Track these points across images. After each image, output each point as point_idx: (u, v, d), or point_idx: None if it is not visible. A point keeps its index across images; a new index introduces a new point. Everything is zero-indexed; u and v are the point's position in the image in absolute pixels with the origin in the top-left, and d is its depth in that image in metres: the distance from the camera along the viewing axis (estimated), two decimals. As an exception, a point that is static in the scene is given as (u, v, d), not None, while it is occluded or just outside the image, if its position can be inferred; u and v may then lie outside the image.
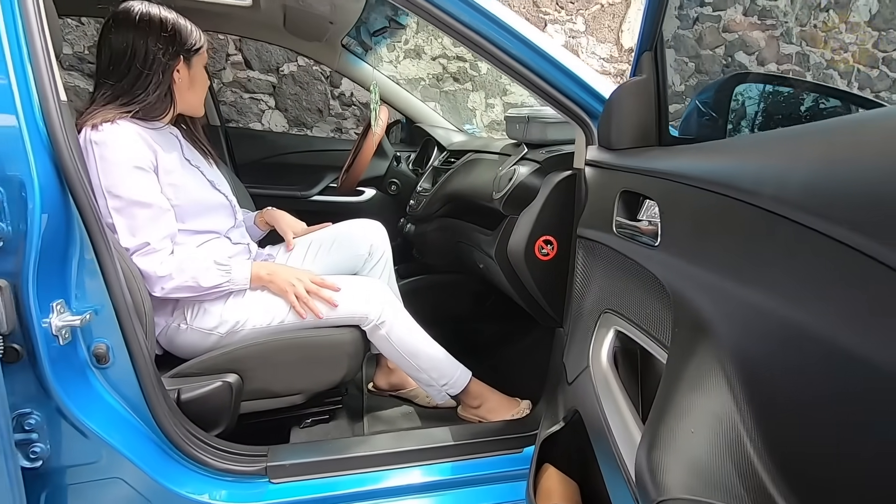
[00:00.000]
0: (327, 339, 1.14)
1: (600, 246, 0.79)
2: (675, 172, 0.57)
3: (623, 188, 0.73)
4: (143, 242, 0.99)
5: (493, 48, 0.97)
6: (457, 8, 0.95)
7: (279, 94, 2.86)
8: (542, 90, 1.00)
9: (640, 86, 0.76)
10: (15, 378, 0.77)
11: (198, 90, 1.16)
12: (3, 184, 0.74)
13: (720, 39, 3.91)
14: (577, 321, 0.89)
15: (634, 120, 0.78)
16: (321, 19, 1.61)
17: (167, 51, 1.07)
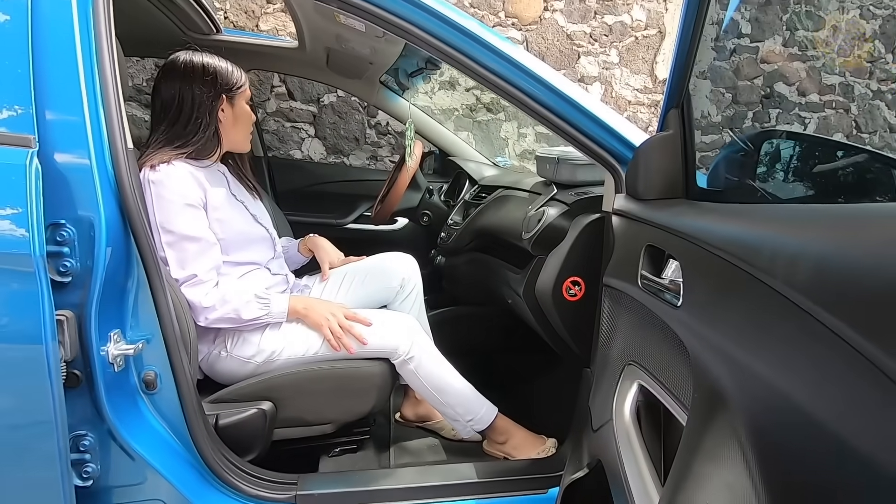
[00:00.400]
0: (357, 371, 1.18)
1: (626, 296, 0.81)
2: (698, 234, 0.58)
3: (648, 242, 0.75)
4: (191, 274, 1.06)
5: (521, 95, 1.01)
6: (487, 58, 1.00)
7: (319, 123, 2.99)
8: (571, 136, 1.03)
9: (666, 141, 0.79)
10: (74, 402, 0.84)
11: (242, 126, 1.23)
12: (75, 223, 0.82)
13: (758, 70, 3.86)
14: (602, 368, 0.90)
15: (661, 173, 0.80)
16: (361, 60, 1.70)
17: (210, 93, 1.15)
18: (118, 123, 0.87)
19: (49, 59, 0.83)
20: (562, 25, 3.31)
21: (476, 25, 1.01)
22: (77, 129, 0.83)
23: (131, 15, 1.40)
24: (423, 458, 1.32)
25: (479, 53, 0.99)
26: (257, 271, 1.24)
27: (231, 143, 1.24)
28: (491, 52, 0.99)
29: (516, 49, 1.03)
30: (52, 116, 0.83)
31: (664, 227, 0.69)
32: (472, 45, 0.99)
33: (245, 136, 1.25)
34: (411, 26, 0.97)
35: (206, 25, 1.68)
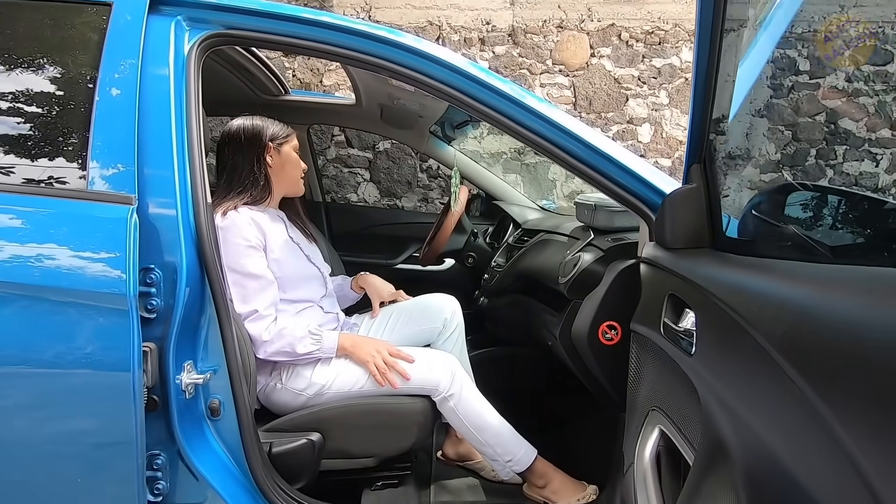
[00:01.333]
0: (400, 407, 1.24)
1: (650, 343, 0.83)
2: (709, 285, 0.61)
3: (671, 291, 0.77)
4: (252, 309, 1.19)
5: (552, 147, 1.08)
6: (519, 114, 1.08)
7: (374, 168, 3.17)
8: (603, 185, 1.08)
9: (691, 194, 0.82)
10: (151, 424, 0.95)
11: (290, 171, 1.36)
12: (161, 267, 0.96)
13: (820, 107, 3.73)
14: (631, 412, 0.92)
15: (687, 223, 0.83)
16: (412, 114, 1.84)
17: (256, 147, 1.31)
18: (200, 179, 1.01)
19: (149, 125, 1.00)
20: (609, 70, 3.38)
21: (509, 87, 1.10)
22: (167, 186, 0.98)
23: (212, 81, 1.62)
24: (462, 498, 1.35)
25: (511, 110, 1.08)
26: (311, 309, 1.34)
27: (282, 186, 1.37)
28: (522, 108, 1.08)
29: (546, 105, 1.11)
30: (148, 175, 0.98)
31: (684, 276, 0.72)
32: (504, 103, 1.08)
33: (295, 180, 1.38)
34: (445, 87, 1.08)
35: (276, 88, 1.89)
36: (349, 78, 1.72)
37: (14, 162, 0.97)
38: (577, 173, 1.07)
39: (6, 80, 1.00)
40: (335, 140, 3.08)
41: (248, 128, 1.34)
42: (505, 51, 3.31)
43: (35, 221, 0.92)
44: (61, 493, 0.93)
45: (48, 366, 0.88)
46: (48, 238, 0.91)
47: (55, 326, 0.88)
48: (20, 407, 0.89)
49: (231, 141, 1.34)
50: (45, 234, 0.91)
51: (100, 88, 0.99)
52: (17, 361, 0.87)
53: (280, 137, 1.34)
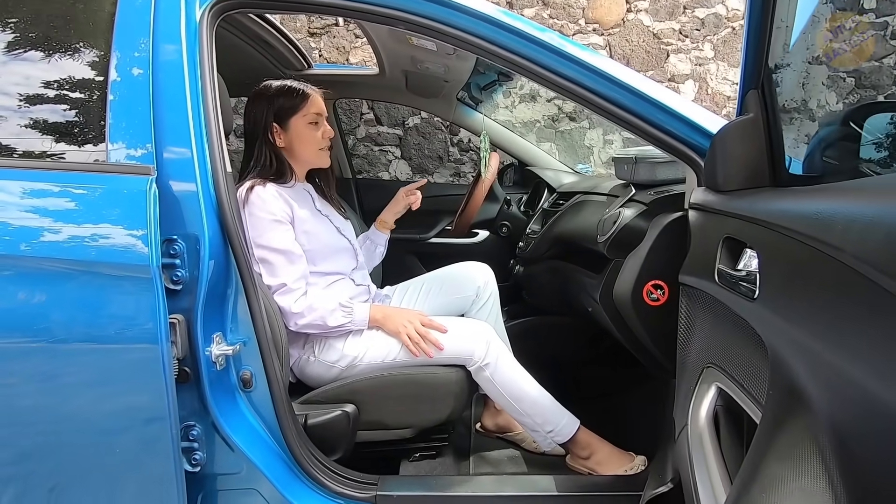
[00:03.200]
0: (434, 378, 1.20)
1: (702, 294, 0.74)
2: (775, 217, 0.52)
3: (726, 234, 0.68)
4: (281, 283, 1.17)
5: (590, 94, 0.99)
6: (552, 61, 0.99)
7: (404, 144, 3.13)
8: (646, 133, 0.99)
9: (746, 126, 0.72)
10: (184, 396, 0.95)
11: (304, 148, 1.29)
12: (184, 238, 0.95)
13: (888, 48, 3.39)
14: (682, 373, 0.83)
15: (743, 161, 0.73)
16: (437, 79, 1.77)
17: (258, 129, 1.26)
18: (219, 152, 0.99)
19: (164, 100, 0.98)
20: (647, 25, 3.18)
21: (535, 29, 1.02)
22: (185, 159, 0.96)
23: (234, 57, 1.60)
24: (503, 469, 1.31)
25: (543, 57, 0.99)
26: (342, 281, 1.32)
27: (301, 162, 1.32)
28: (555, 53, 0.99)
29: (581, 49, 1.02)
30: (167, 148, 0.97)
31: (743, 215, 0.63)
32: (534, 48, 0.99)
33: (312, 154, 1.31)
34: (472, 37, 1.00)
35: (299, 62, 1.85)
36: (371, 45, 1.66)
37: (31, 139, 0.97)
38: (621, 122, 0.98)
39: (20, 60, 1.00)
40: (364, 118, 3.04)
41: (253, 104, 1.30)
42: (535, 13, 3.16)
43: (54, 196, 0.92)
44: (100, 465, 0.95)
45: (77, 340, 0.89)
46: (68, 212, 0.91)
47: (80, 300, 0.88)
48: (54, 383, 0.90)
49: (244, 118, 1.31)
50: (64, 208, 0.91)
51: (113, 61, 0.97)
52: (47, 337, 0.88)
53: (287, 112, 1.27)
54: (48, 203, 0.91)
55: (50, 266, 0.88)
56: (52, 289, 0.88)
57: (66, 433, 0.92)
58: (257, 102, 1.29)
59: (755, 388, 0.55)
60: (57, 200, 0.91)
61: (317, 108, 1.30)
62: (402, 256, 2.12)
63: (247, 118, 1.31)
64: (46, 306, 0.88)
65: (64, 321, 0.89)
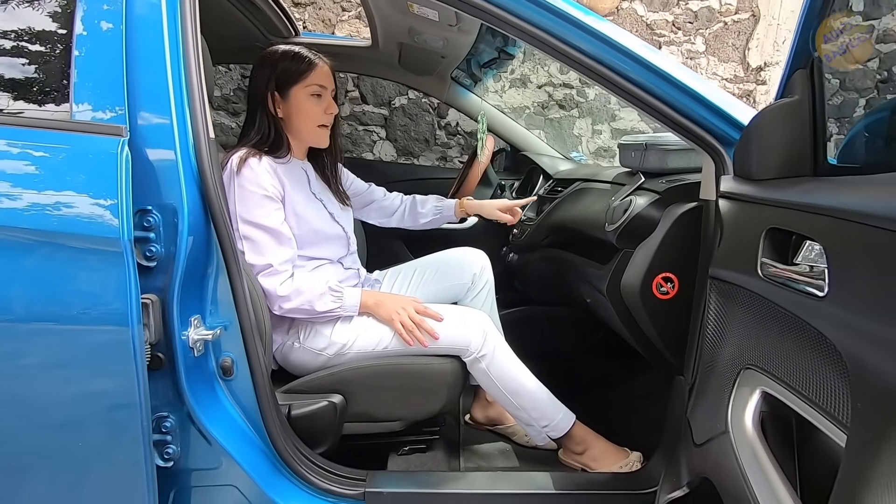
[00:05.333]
0: (427, 368, 1.14)
1: (741, 290, 0.69)
2: (848, 209, 0.47)
3: (771, 225, 0.63)
4: (266, 263, 1.08)
5: (612, 74, 0.93)
6: (570, 33, 0.92)
7: (390, 125, 3.03)
8: (666, 116, 0.93)
9: (790, 109, 0.67)
10: (157, 384, 0.86)
11: (302, 122, 1.19)
12: (160, 209, 0.85)
13: (873, 51, 3.44)
14: (707, 374, 0.79)
15: (783, 147, 0.68)
16: (433, 54, 1.68)
17: (258, 95, 1.17)
18: (202, 117, 0.89)
19: (140, 60, 0.87)
20: (641, 15, 3.14)
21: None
22: (163, 122, 0.86)
23: (217, 20, 1.48)
24: (494, 464, 1.26)
25: (561, 29, 0.92)
26: (329, 265, 1.24)
27: (298, 138, 1.22)
28: (574, 25, 0.92)
29: (601, 22, 0.95)
30: (143, 112, 0.86)
31: (795, 205, 0.57)
32: (553, 19, 0.92)
33: (310, 129, 1.21)
34: (491, 6, 0.92)
35: (287, 29, 1.73)
36: (365, 11, 1.55)
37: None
38: (640, 103, 0.92)
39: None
40: (349, 96, 2.92)
41: (258, 68, 1.20)
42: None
43: (10, 157, 0.80)
44: (65, 457, 0.85)
45: (37, 319, 0.79)
46: (26, 176, 0.80)
47: (41, 275, 0.78)
48: (10, 365, 0.80)
49: (249, 82, 1.21)
50: (22, 171, 0.80)
51: (79, 13, 0.86)
52: (4, 315, 0.78)
53: (290, 80, 1.17)
54: (2, 165, 0.80)
55: (5, 236, 0.77)
56: (9, 261, 0.77)
57: (24, 420, 0.82)
58: (262, 67, 1.19)
59: (818, 395, 0.49)
60: (13, 162, 0.80)
61: (321, 78, 1.19)
62: (388, 241, 2.04)
63: (251, 82, 1.21)
64: (2, 281, 0.77)
65: (23, 298, 0.78)
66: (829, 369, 0.47)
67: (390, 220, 1.51)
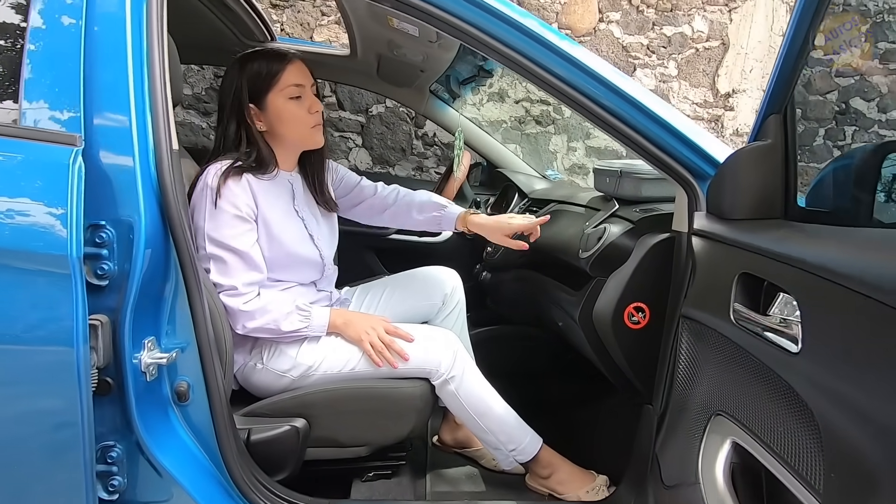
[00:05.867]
0: (395, 392, 1.10)
1: (713, 332, 0.69)
2: (821, 264, 0.47)
3: (743, 270, 0.63)
4: (231, 285, 1.03)
5: (585, 100, 0.93)
6: (549, 60, 0.92)
7: (367, 133, 2.99)
8: (641, 147, 0.93)
9: (763, 152, 0.68)
10: (103, 410, 0.80)
11: (289, 128, 1.11)
12: (114, 224, 0.79)
13: (832, 84, 3.63)
14: (678, 414, 0.78)
15: (756, 189, 0.69)
16: (413, 67, 1.66)
17: (234, 107, 1.08)
18: (164, 124, 0.84)
19: (99, 59, 0.82)
20: (617, 37, 3.21)
21: (537, 25, 0.94)
22: (122, 130, 0.81)
23: (188, 21, 1.42)
24: (461, 488, 1.23)
25: (540, 55, 0.92)
26: (301, 287, 1.19)
27: (286, 146, 1.15)
28: (553, 52, 0.92)
29: (579, 49, 0.95)
30: (99, 116, 0.81)
31: (767, 252, 0.57)
32: (533, 45, 0.91)
33: (302, 133, 1.12)
34: (470, 27, 0.91)
35: (262, 33, 1.68)
36: (345, 22, 1.52)
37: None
38: (616, 134, 0.92)
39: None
40: (325, 101, 2.87)
41: (226, 79, 1.11)
42: (509, 10, 3.09)
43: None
44: (3, 482, 0.78)
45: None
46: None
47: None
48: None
49: (220, 94, 1.13)
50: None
51: (36, 5, 0.80)
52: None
53: (262, 87, 1.08)
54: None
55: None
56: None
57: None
58: (229, 79, 1.11)
59: (789, 454, 0.49)
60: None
61: (295, 76, 1.10)
62: (359, 253, 1.99)
63: (221, 97, 1.13)
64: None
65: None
66: (801, 428, 0.47)
67: (381, 218, 1.38)
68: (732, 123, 3.50)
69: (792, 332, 0.51)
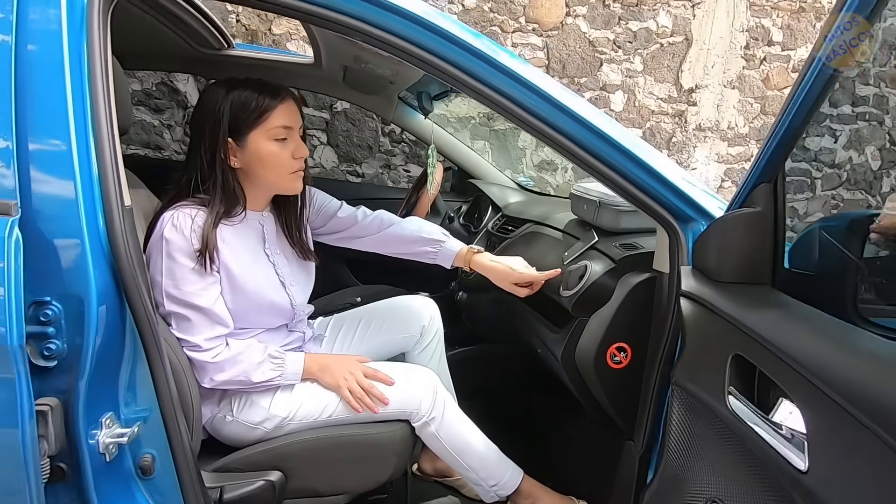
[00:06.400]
0: (375, 438, 1.07)
1: (707, 410, 0.68)
2: (826, 376, 0.45)
3: (737, 352, 0.62)
4: (194, 343, 0.96)
5: (569, 143, 0.90)
6: (528, 99, 0.88)
7: (331, 130, 2.89)
8: (623, 189, 0.91)
9: (752, 220, 0.66)
10: (58, 499, 0.74)
11: (268, 171, 1.00)
12: (61, 299, 0.71)
13: (788, 80, 3.74)
14: (672, 487, 0.77)
15: (742, 254, 0.68)
16: (381, 79, 1.58)
17: (210, 140, 0.97)
18: (113, 179, 0.75)
19: (33, 99, 0.72)
20: (584, 31, 3.18)
21: (510, 59, 0.89)
22: (65, 190, 0.72)
23: (134, 31, 1.29)
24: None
25: (517, 93, 0.88)
26: (273, 331, 1.12)
27: (262, 187, 1.04)
28: (531, 91, 0.88)
29: (558, 87, 0.92)
30: (36, 171, 0.72)
31: (761, 338, 0.56)
32: (510, 83, 0.87)
33: (279, 178, 1.01)
34: (444, 63, 0.85)
35: (217, 40, 1.56)
36: (309, 37, 1.43)
37: None
38: (595, 173, 0.90)
39: None
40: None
41: (203, 107, 0.98)
42: (475, 4, 3.02)
43: None
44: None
45: None
46: None
47: None
48: None
49: (192, 118, 1.01)
50: None
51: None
52: None
53: (246, 123, 0.96)
54: None
55: None
56: None
57: None
58: (209, 102, 0.98)
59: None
60: None
61: (285, 118, 0.99)
62: (329, 264, 1.92)
63: (194, 121, 1.01)
64: None
65: None
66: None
67: (361, 244, 1.28)
68: (695, 119, 3.57)
69: (798, 443, 0.49)
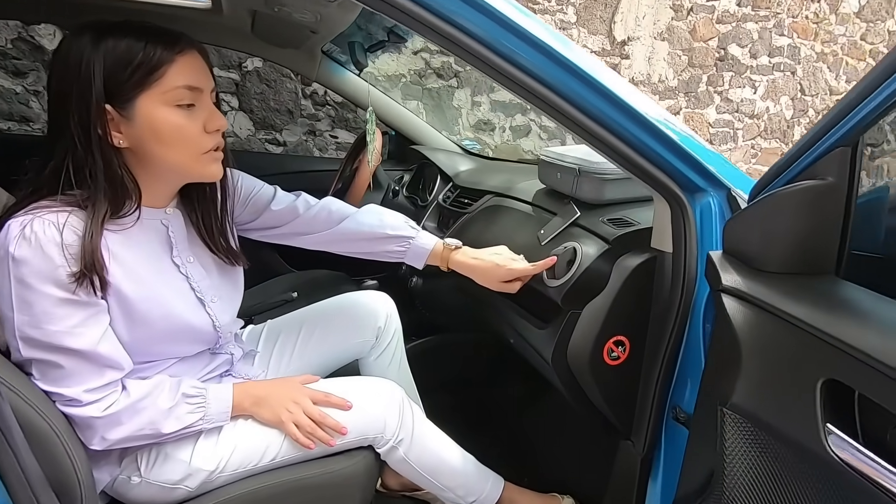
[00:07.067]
0: (333, 478, 0.87)
1: (791, 451, 0.52)
2: None
3: (829, 377, 0.47)
4: (70, 398, 0.69)
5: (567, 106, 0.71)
6: (514, 47, 0.68)
7: (243, 93, 2.53)
8: (625, 158, 0.74)
9: (818, 194, 0.51)
10: None
11: (169, 151, 0.72)
12: None
13: (714, 31, 3.79)
14: None
15: (800, 237, 0.54)
16: (300, 28, 1.28)
17: (81, 111, 0.67)
18: None
19: None
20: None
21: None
22: None
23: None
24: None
25: (501, 40, 0.67)
26: (190, 359, 0.86)
27: (162, 175, 0.76)
28: (520, 37, 0.67)
29: (552, 35, 0.72)
30: None
31: (864, 357, 0.41)
32: (494, 28, 0.66)
33: (186, 160, 0.74)
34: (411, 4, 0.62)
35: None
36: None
37: None
38: (594, 140, 0.72)
39: None
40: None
41: (65, 60, 0.68)
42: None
43: None
44: None
45: None
46: None
47: None
48: None
49: (50, 82, 0.70)
50: None
51: None
52: None
53: (132, 84, 0.68)
54: None
55: None
56: None
57: None
58: (70, 56, 0.68)
59: None
60: None
61: (188, 75, 0.71)
62: (258, 251, 1.61)
63: (52, 85, 0.70)
64: None
65: None
66: None
67: (303, 241, 1.03)
68: (628, 72, 3.52)
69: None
